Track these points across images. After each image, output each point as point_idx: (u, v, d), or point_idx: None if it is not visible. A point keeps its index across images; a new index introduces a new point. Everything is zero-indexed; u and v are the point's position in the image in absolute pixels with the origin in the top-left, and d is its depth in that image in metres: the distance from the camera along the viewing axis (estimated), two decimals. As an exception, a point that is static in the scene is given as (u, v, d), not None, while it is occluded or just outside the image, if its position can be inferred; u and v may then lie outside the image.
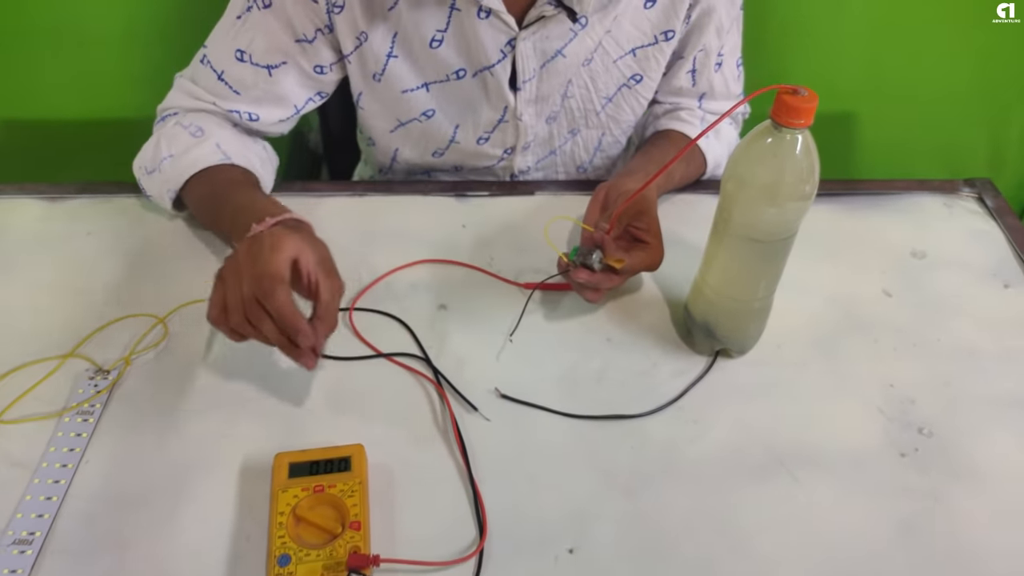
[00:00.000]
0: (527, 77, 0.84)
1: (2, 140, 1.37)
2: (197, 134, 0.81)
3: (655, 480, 0.64)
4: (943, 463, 0.66)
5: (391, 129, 0.92)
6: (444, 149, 0.93)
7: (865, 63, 1.34)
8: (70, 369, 0.70)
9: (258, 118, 0.85)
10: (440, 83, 0.85)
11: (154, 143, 0.83)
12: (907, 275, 0.84)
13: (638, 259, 0.73)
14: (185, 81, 0.85)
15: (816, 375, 0.73)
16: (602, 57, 0.86)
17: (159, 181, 0.81)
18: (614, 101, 0.91)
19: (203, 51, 0.84)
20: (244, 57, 0.81)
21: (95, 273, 0.79)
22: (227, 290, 0.61)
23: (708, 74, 0.91)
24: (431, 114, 0.88)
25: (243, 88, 0.83)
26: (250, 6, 0.79)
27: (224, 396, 0.69)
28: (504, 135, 0.91)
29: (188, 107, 0.84)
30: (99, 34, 1.26)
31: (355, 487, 0.60)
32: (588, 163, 0.99)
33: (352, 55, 0.83)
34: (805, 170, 0.61)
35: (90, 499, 0.61)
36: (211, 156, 0.79)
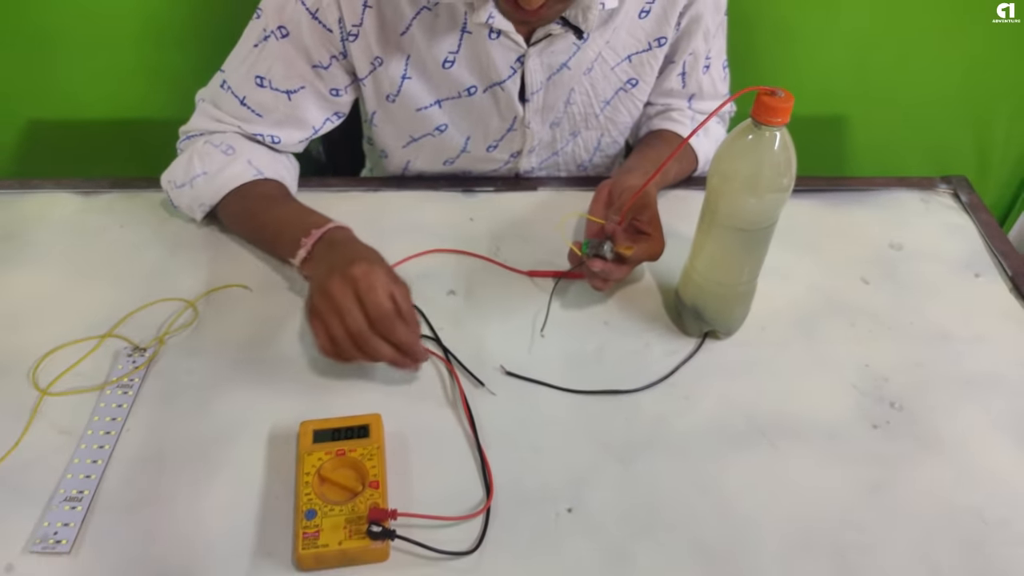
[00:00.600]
0: (535, 89, 0.90)
1: (33, 138, 1.43)
2: (229, 152, 0.86)
3: (647, 449, 0.70)
4: (911, 433, 0.72)
5: (404, 144, 0.97)
6: (455, 158, 0.99)
7: (855, 67, 1.39)
8: (109, 348, 0.76)
9: (280, 140, 0.90)
10: (453, 99, 0.91)
11: (186, 159, 0.87)
12: (884, 265, 0.90)
13: (642, 249, 0.78)
14: (208, 106, 0.90)
15: (796, 354, 0.79)
16: (601, 65, 0.92)
17: (190, 196, 0.86)
18: (612, 104, 0.97)
19: (221, 76, 0.88)
20: (264, 83, 0.86)
21: (129, 262, 0.85)
22: (330, 327, 0.68)
23: (697, 76, 0.98)
24: (444, 128, 0.94)
25: (265, 111, 0.88)
26: (267, 35, 0.83)
27: (251, 371, 0.75)
28: (512, 142, 0.97)
29: (213, 129, 0.89)
30: (126, 34, 1.31)
31: (373, 451, 0.66)
32: (588, 162, 1.06)
33: (367, 79, 0.89)
34: (783, 164, 0.67)
35: (132, 462, 0.67)
36: (245, 173, 0.85)
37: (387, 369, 0.75)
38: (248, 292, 0.83)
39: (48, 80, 1.36)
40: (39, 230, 0.89)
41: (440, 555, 0.61)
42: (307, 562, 0.59)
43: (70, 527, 0.61)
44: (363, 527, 0.60)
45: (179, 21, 1.31)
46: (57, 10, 1.28)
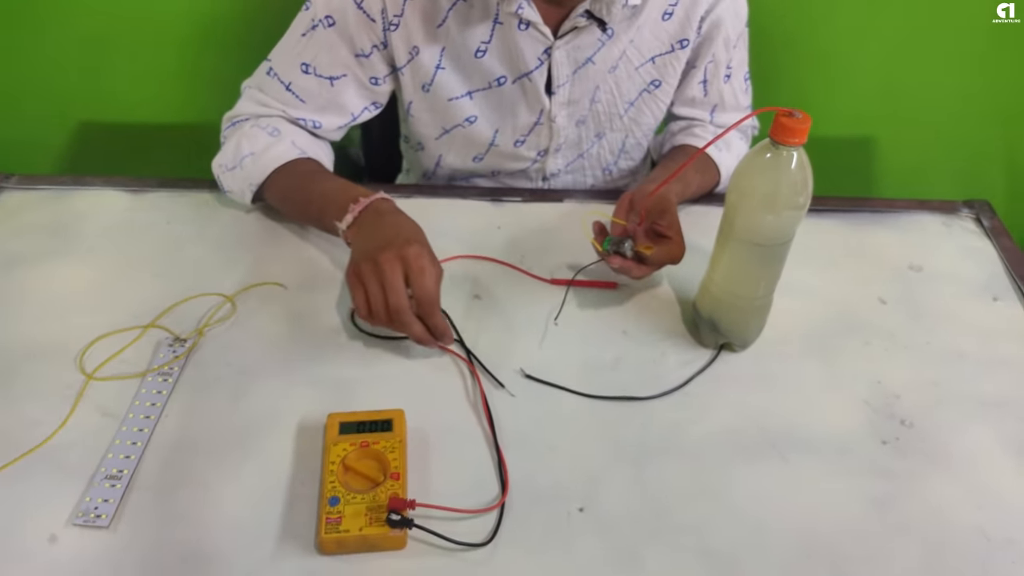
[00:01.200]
0: (561, 82, 0.94)
1: (83, 139, 1.50)
2: (274, 133, 0.92)
3: (659, 454, 0.72)
4: (921, 450, 0.74)
5: (437, 136, 1.02)
6: (484, 153, 1.03)
7: (885, 89, 1.41)
8: (151, 337, 0.80)
9: (320, 125, 0.96)
10: (483, 91, 0.96)
11: (234, 143, 0.93)
12: (903, 286, 0.91)
13: (663, 252, 0.81)
14: (254, 91, 0.96)
15: (810, 370, 0.81)
16: (626, 64, 0.96)
17: (240, 177, 0.92)
18: (636, 105, 1.01)
19: (268, 64, 0.94)
20: (309, 70, 0.92)
21: (173, 257, 0.90)
22: (371, 295, 0.74)
23: (718, 85, 1.01)
24: (473, 119, 0.98)
25: (308, 97, 0.93)
26: (315, 24, 0.89)
27: (284, 365, 0.78)
28: (539, 137, 1.01)
29: (258, 114, 0.95)
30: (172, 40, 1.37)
31: (396, 445, 0.69)
32: (613, 164, 1.09)
33: (405, 67, 0.94)
34: (799, 183, 0.69)
35: (168, 446, 0.71)
36: (289, 152, 0.91)
37: (413, 368, 0.79)
38: (284, 290, 0.87)
39: (98, 83, 1.43)
40: (89, 225, 0.94)
41: (455, 546, 0.63)
42: (329, 546, 0.63)
43: (110, 503, 0.65)
44: (383, 515, 0.63)
45: (222, 27, 1.36)
46: (107, 17, 1.35)
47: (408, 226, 0.80)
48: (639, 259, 0.81)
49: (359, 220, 0.81)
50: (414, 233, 0.79)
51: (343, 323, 0.83)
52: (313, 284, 0.87)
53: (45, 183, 1.01)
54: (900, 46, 1.36)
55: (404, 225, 0.80)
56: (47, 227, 0.93)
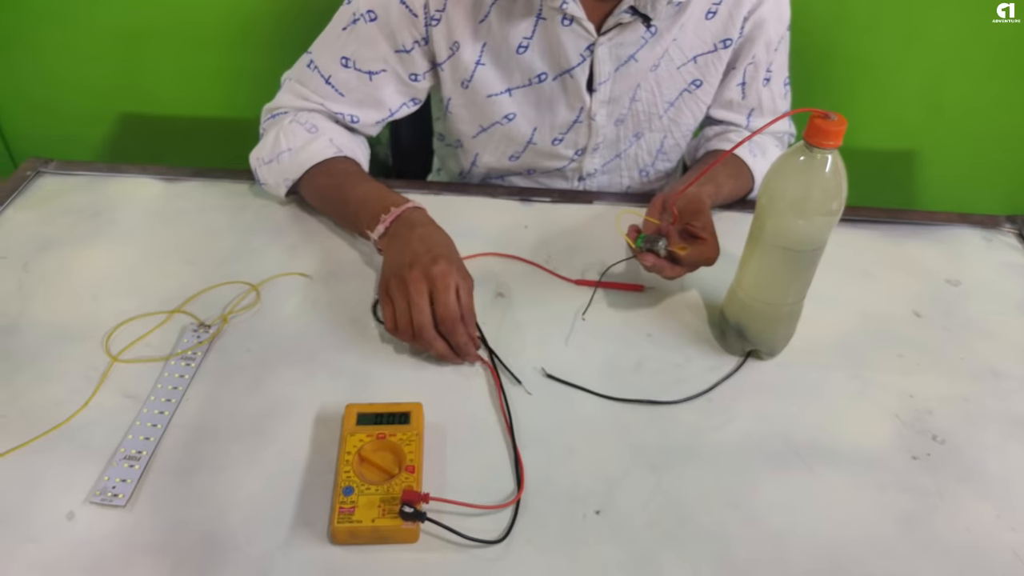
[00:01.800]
0: (602, 79, 0.94)
1: (123, 131, 1.52)
2: (312, 130, 0.92)
3: (679, 459, 0.71)
4: (952, 468, 0.71)
5: (474, 134, 1.02)
6: (521, 152, 1.02)
7: (929, 101, 1.38)
8: (177, 323, 0.81)
9: (358, 120, 0.96)
10: (523, 87, 0.95)
11: (272, 137, 0.93)
12: (939, 300, 0.89)
13: (697, 252, 0.80)
14: (294, 84, 0.96)
15: (839, 380, 0.79)
16: (667, 63, 0.95)
17: (276, 172, 0.92)
18: (675, 105, 1.00)
19: (308, 56, 0.95)
20: (349, 64, 0.92)
21: (202, 245, 0.91)
22: (398, 312, 0.76)
23: (756, 88, 1.00)
24: (512, 117, 0.98)
25: (347, 91, 0.94)
26: (356, 19, 0.90)
27: (305, 354, 0.78)
28: (577, 136, 1.00)
29: (298, 107, 0.95)
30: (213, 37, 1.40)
31: (412, 438, 0.68)
32: (650, 166, 1.08)
33: (445, 63, 0.94)
34: (833, 188, 0.67)
35: (188, 429, 0.71)
36: (326, 150, 0.91)
37: (432, 363, 0.78)
38: (308, 280, 0.87)
39: (137, 78, 1.45)
40: (123, 210, 0.95)
41: (468, 542, 0.63)
42: (341, 536, 0.62)
43: (127, 483, 0.66)
44: (396, 508, 0.63)
45: (260, 24, 1.38)
46: (147, 12, 1.37)
47: (438, 239, 0.80)
48: (672, 259, 0.80)
49: (391, 231, 0.82)
50: (443, 248, 0.78)
51: (365, 314, 0.83)
52: (337, 276, 0.88)
53: (82, 169, 1.02)
54: (945, 57, 1.33)
55: (434, 238, 0.80)
56: (82, 212, 0.95)
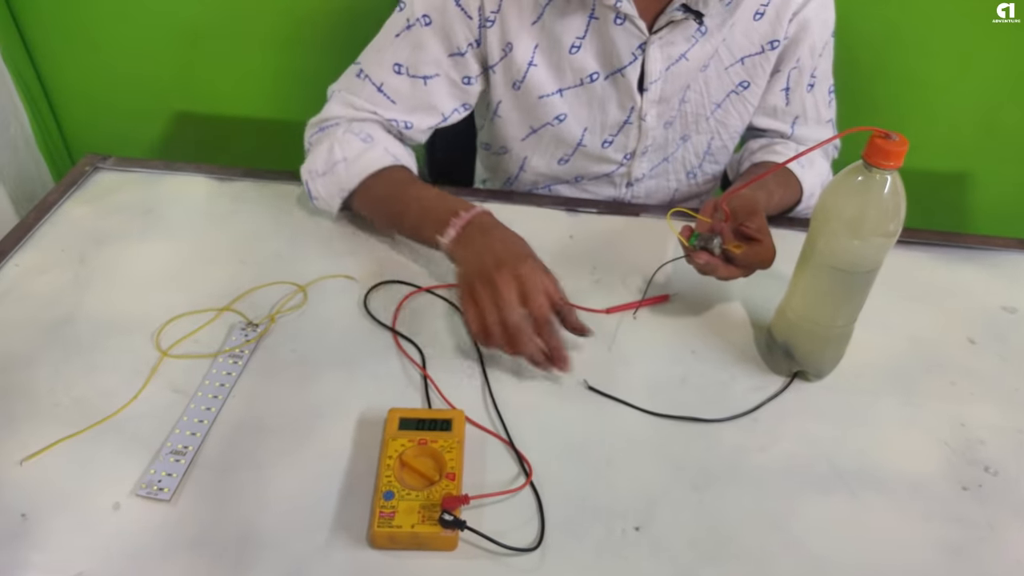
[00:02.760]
0: (654, 78, 0.93)
1: (178, 128, 1.56)
2: (367, 140, 0.92)
3: (721, 478, 0.70)
4: (1005, 500, 0.69)
5: (523, 136, 1.02)
6: (570, 155, 1.02)
7: (984, 121, 1.35)
8: (225, 320, 0.82)
9: (412, 126, 0.96)
10: (574, 88, 0.95)
11: (326, 149, 0.92)
12: (995, 327, 0.87)
13: (753, 253, 0.78)
14: (343, 94, 0.96)
15: (888, 406, 0.77)
16: (716, 64, 0.95)
17: (331, 182, 0.91)
18: (723, 107, 0.99)
19: (357, 67, 0.95)
20: (402, 70, 0.92)
21: (251, 244, 0.92)
22: (487, 314, 0.73)
23: (800, 94, 0.99)
24: (563, 118, 0.98)
25: (400, 98, 0.94)
26: (411, 24, 0.90)
27: (350, 356, 0.79)
28: (627, 138, 1.00)
29: (350, 117, 0.95)
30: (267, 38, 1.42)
31: (453, 445, 0.68)
32: (697, 168, 1.07)
33: (497, 65, 0.94)
34: (891, 209, 0.66)
35: (234, 426, 0.72)
36: (383, 159, 0.91)
37: (474, 371, 0.78)
38: (354, 283, 0.88)
39: (194, 76, 1.48)
40: (176, 208, 0.97)
41: (505, 551, 0.62)
42: (381, 540, 0.62)
43: (173, 477, 0.67)
44: (436, 514, 0.63)
45: (312, 27, 1.40)
46: (203, 12, 1.40)
47: (517, 241, 0.79)
48: (726, 258, 0.78)
49: (463, 236, 0.81)
50: (525, 249, 0.78)
51: (408, 318, 0.83)
52: (382, 278, 0.88)
53: (139, 166, 1.05)
54: (998, 76, 1.30)
55: (513, 240, 0.79)
56: (137, 208, 0.97)
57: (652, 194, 1.09)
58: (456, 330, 0.83)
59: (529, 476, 0.68)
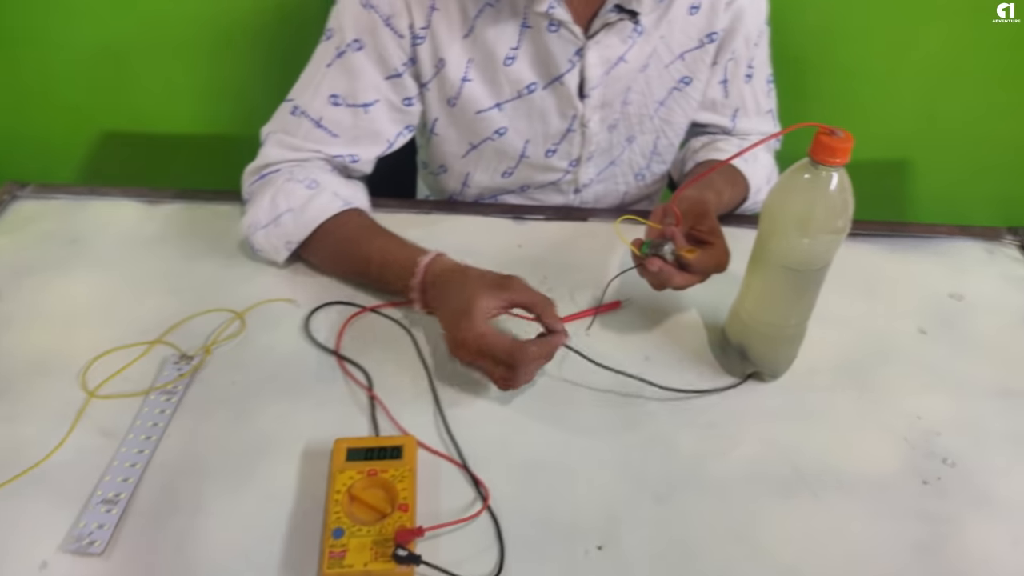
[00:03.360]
0: (594, 84, 0.91)
1: (104, 149, 1.49)
2: (312, 186, 0.86)
3: (683, 489, 0.68)
4: (964, 492, 0.69)
5: (464, 153, 0.99)
6: (514, 167, 0.99)
7: (921, 110, 1.37)
8: (157, 354, 0.78)
9: (358, 159, 0.91)
10: (513, 100, 0.92)
11: (268, 200, 0.85)
12: (943, 315, 0.87)
13: (708, 257, 0.75)
14: (280, 136, 0.89)
15: (845, 402, 0.76)
16: (656, 62, 0.93)
17: (276, 235, 0.85)
18: (666, 104, 0.98)
19: (290, 104, 0.89)
20: (339, 101, 0.87)
21: (184, 270, 0.88)
22: (492, 374, 0.71)
23: (739, 85, 0.98)
24: (503, 132, 0.95)
25: (342, 130, 0.89)
26: (341, 52, 0.86)
27: (293, 385, 0.75)
28: (571, 146, 0.97)
29: (289, 160, 0.89)
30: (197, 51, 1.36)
31: (405, 474, 0.65)
32: (645, 168, 1.05)
33: (431, 82, 0.91)
34: (838, 206, 0.65)
35: (168, 468, 0.68)
36: (332, 204, 0.85)
37: (425, 392, 0.75)
38: (295, 306, 0.84)
39: (120, 94, 1.42)
40: (102, 235, 0.92)
41: (465, 583, 0.60)
42: (331, 581, 0.59)
43: (104, 529, 0.62)
44: (389, 550, 0.60)
45: (241, 38, 1.35)
46: (126, 28, 1.34)
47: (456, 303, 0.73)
48: (680, 266, 0.76)
49: (426, 298, 0.79)
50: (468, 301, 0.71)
51: (353, 340, 0.80)
52: (325, 300, 0.84)
53: (61, 192, 0.99)
54: (937, 64, 1.32)
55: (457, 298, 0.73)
56: (60, 237, 0.92)
57: (601, 198, 1.07)
58: (404, 349, 0.80)
59: (486, 500, 0.66)
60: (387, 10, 0.84)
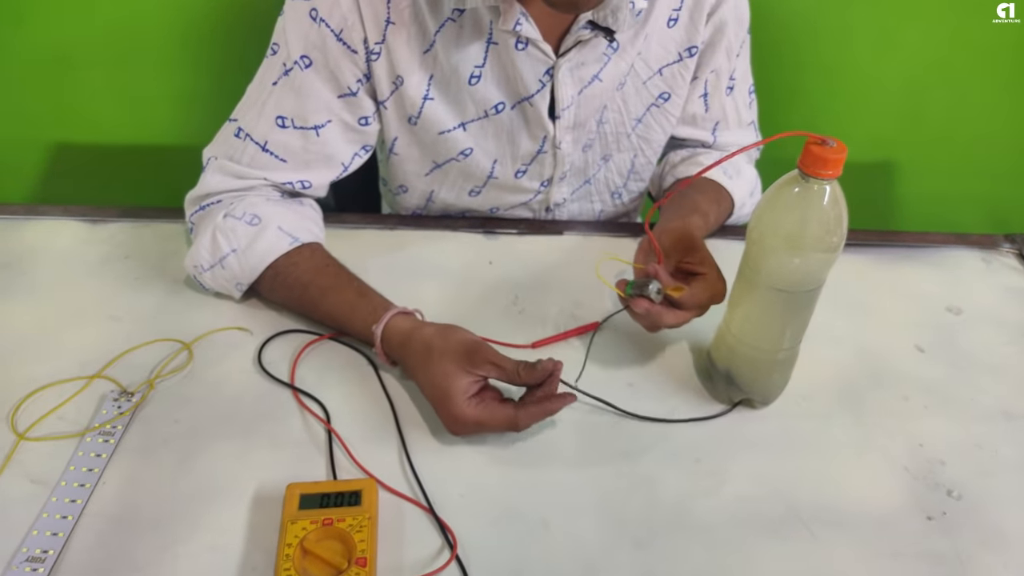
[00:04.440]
0: (565, 104, 0.85)
1: (54, 162, 1.42)
2: (254, 222, 0.79)
3: (667, 532, 0.62)
4: (972, 529, 0.64)
5: (427, 172, 0.92)
6: (481, 187, 0.93)
7: (907, 112, 1.32)
8: (96, 390, 0.71)
9: (311, 185, 0.84)
10: (478, 120, 0.86)
11: (208, 240, 0.79)
12: (941, 331, 0.82)
13: (699, 290, 0.71)
14: (223, 162, 0.82)
15: (841, 430, 0.71)
16: (633, 79, 0.87)
17: (224, 277, 0.79)
18: (644, 122, 0.92)
19: (233, 125, 0.82)
20: (287, 122, 0.80)
21: (129, 297, 0.81)
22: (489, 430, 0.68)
23: (720, 98, 0.92)
24: (469, 152, 0.89)
25: (290, 155, 0.82)
26: (288, 69, 0.79)
27: (243, 423, 0.69)
28: (542, 167, 0.91)
29: (232, 189, 0.82)
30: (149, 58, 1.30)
31: (364, 522, 0.59)
32: (622, 187, 1.00)
33: (388, 100, 0.84)
34: (832, 221, 0.60)
35: (104, 519, 0.61)
36: (278, 244, 0.78)
37: (386, 430, 0.69)
38: (248, 335, 0.78)
39: (69, 103, 1.35)
40: (40, 259, 0.85)
41: (429, 648, 0.54)
42: (280, 649, 0.53)
43: (29, 592, 0.56)
44: (345, 611, 0.54)
45: (203, 46, 1.28)
46: (80, 32, 1.27)
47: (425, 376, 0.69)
48: (672, 303, 0.71)
49: (394, 358, 0.73)
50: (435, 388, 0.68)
51: (309, 373, 0.74)
52: (280, 328, 0.78)
53: (-4, 213, 0.92)
54: (922, 64, 1.27)
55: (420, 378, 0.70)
56: (-6, 262, 0.85)
57: (575, 218, 1.01)
58: (366, 380, 0.74)
59: (454, 549, 0.60)
60: (338, 23, 0.77)
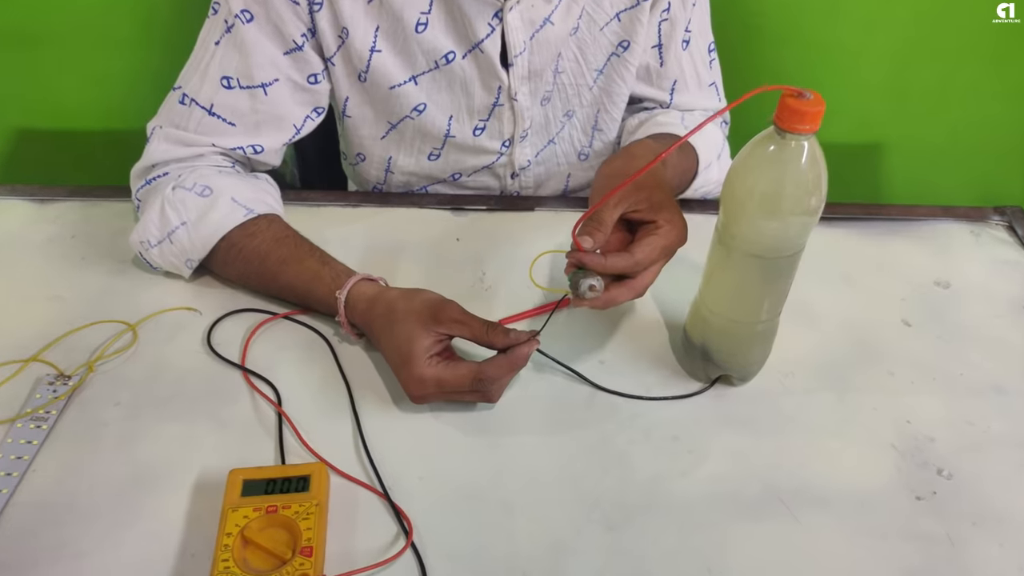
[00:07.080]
0: (518, 50, 0.81)
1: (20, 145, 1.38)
2: (206, 193, 0.74)
3: (641, 515, 0.59)
4: (964, 508, 0.60)
5: (382, 135, 0.88)
6: (440, 148, 0.89)
7: (893, 87, 1.29)
8: (31, 374, 0.67)
9: (262, 149, 0.80)
10: (429, 72, 0.82)
11: (156, 213, 0.74)
12: (929, 305, 0.78)
13: (650, 247, 0.63)
14: (168, 130, 0.78)
15: (825, 407, 0.67)
16: (588, 25, 0.83)
17: (172, 253, 0.74)
18: (605, 73, 0.88)
19: (178, 92, 0.78)
20: (232, 83, 0.76)
21: (73, 277, 0.77)
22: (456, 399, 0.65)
23: (676, 52, 0.88)
24: (422, 108, 0.85)
25: (238, 118, 0.78)
26: (230, 25, 0.75)
27: (189, 405, 0.65)
28: (500, 122, 0.87)
29: (181, 156, 0.77)
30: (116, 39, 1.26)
31: (311, 509, 0.55)
32: (587, 147, 0.95)
33: (336, 55, 0.80)
34: (811, 181, 0.56)
35: (35, 508, 0.57)
36: (232, 215, 0.74)
37: (340, 409, 0.65)
38: (199, 316, 0.73)
39: (34, 85, 1.30)
40: (-18, 239, 0.81)
41: (380, 641, 0.50)
42: (216, 645, 0.49)
43: (-53, 587, 0.52)
44: (287, 604, 0.50)
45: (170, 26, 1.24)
46: (44, 13, 1.23)
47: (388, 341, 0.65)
48: (620, 282, 0.64)
49: (358, 327, 0.70)
50: (397, 352, 0.64)
51: (260, 353, 0.70)
52: (232, 308, 0.74)
53: (-61, 193, 0.88)
54: (910, 40, 1.24)
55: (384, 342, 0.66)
56: (-67, 243, 0.80)
57: (543, 183, 0.97)
58: (321, 362, 0.70)
59: (409, 536, 0.56)
60: None
